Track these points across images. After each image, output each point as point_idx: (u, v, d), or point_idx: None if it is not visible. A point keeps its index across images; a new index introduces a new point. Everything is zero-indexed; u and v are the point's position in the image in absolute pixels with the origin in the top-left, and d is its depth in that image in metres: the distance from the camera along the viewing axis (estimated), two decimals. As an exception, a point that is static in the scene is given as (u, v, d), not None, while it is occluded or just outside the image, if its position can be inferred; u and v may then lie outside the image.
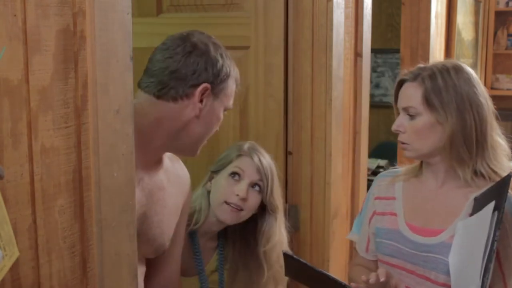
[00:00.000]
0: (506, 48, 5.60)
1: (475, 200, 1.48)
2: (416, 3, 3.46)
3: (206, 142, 1.45)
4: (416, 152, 1.56)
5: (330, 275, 1.48)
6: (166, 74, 1.34)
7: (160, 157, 1.43)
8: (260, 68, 2.04)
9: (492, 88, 5.49)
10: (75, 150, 0.97)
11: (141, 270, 1.43)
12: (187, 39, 1.37)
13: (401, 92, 1.59)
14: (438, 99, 1.50)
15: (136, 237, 1.11)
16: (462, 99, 1.50)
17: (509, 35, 5.59)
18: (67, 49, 0.94)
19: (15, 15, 0.85)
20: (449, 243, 1.46)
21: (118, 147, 1.04)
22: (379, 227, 1.64)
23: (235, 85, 1.44)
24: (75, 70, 0.96)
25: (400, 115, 1.58)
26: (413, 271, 1.54)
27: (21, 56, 0.87)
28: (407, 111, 1.55)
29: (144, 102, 1.33)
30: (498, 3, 5.51)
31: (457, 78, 1.52)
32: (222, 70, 1.37)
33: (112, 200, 1.04)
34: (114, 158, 1.03)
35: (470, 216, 1.46)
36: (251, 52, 2.05)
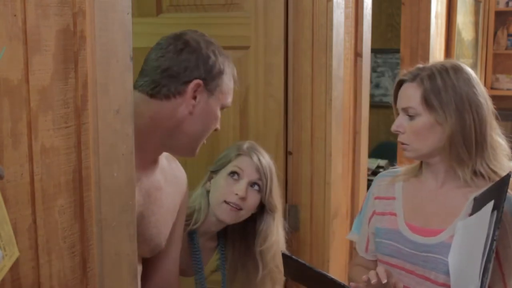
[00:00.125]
0: (506, 48, 5.60)
1: (474, 200, 1.48)
2: (416, 3, 3.46)
3: (205, 142, 1.44)
4: (415, 152, 1.56)
5: (328, 275, 1.48)
6: (158, 72, 1.34)
7: (157, 157, 1.43)
8: (260, 68, 2.04)
9: (492, 88, 5.49)
10: (75, 150, 0.97)
11: (138, 269, 1.43)
12: (179, 38, 1.37)
13: (400, 93, 1.59)
14: (437, 100, 1.50)
15: (135, 237, 1.12)
16: (461, 99, 1.50)
17: (509, 35, 5.59)
18: (67, 49, 0.94)
19: (15, 15, 0.85)
20: (448, 243, 1.46)
21: (118, 147, 1.04)
22: (378, 227, 1.64)
23: (232, 82, 1.43)
24: (75, 70, 0.96)
25: (400, 115, 1.58)
26: (412, 271, 1.54)
27: (21, 56, 0.87)
28: (407, 112, 1.55)
29: (139, 102, 1.33)
30: (498, 3, 5.51)
31: (456, 78, 1.52)
32: (215, 66, 1.36)
33: (112, 200, 1.04)
34: (114, 158, 1.03)
35: (470, 216, 1.46)
36: (251, 52, 2.05)
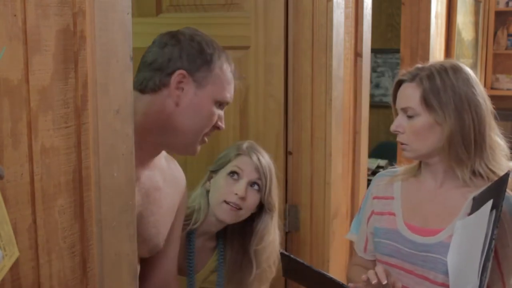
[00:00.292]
0: (506, 48, 5.60)
1: (473, 199, 1.48)
2: (416, 3, 3.46)
3: (207, 141, 1.43)
4: (415, 152, 1.56)
5: (327, 274, 1.48)
6: (145, 67, 1.36)
7: (155, 155, 1.42)
8: (260, 68, 2.04)
9: (492, 88, 5.49)
10: (75, 150, 0.97)
11: None
12: (169, 33, 1.38)
13: (399, 93, 1.59)
14: (436, 100, 1.50)
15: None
16: (460, 99, 1.50)
17: (509, 35, 5.59)
18: (67, 49, 0.94)
19: (15, 15, 0.85)
20: (447, 243, 1.46)
21: (118, 147, 1.04)
22: (377, 227, 1.64)
23: (226, 75, 1.39)
24: (75, 70, 0.96)
25: (399, 115, 1.58)
26: (411, 271, 1.54)
27: (21, 56, 0.87)
28: (406, 112, 1.55)
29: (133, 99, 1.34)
30: (498, 3, 5.51)
31: (455, 78, 1.51)
32: (199, 57, 1.35)
33: (112, 200, 1.04)
34: (114, 158, 1.03)
35: (469, 215, 1.46)
36: (251, 52, 2.05)
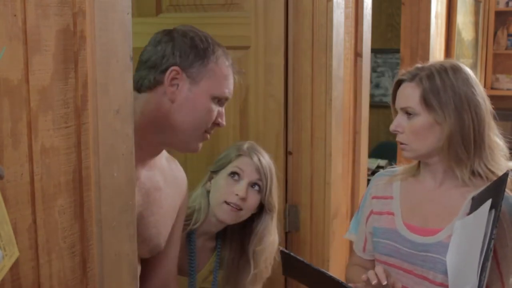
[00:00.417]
0: (506, 48, 5.60)
1: (472, 199, 1.48)
2: (416, 3, 3.46)
3: (209, 138, 1.42)
4: (414, 152, 1.56)
5: (327, 272, 1.48)
6: (142, 65, 1.37)
7: (155, 155, 1.42)
8: (260, 68, 2.04)
9: (492, 88, 5.49)
10: (75, 150, 0.97)
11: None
12: (163, 31, 1.39)
13: (399, 92, 1.59)
14: (436, 99, 1.50)
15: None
16: (460, 99, 1.50)
17: (509, 35, 5.59)
18: (67, 49, 0.94)
19: (15, 15, 0.85)
20: (447, 243, 1.46)
21: (118, 147, 1.04)
22: (376, 227, 1.64)
23: (223, 71, 1.38)
24: (75, 70, 0.96)
25: (398, 115, 1.58)
26: (411, 270, 1.54)
27: (21, 56, 0.87)
28: (405, 111, 1.55)
29: None
30: (498, 3, 5.51)
31: (455, 78, 1.51)
32: (192, 52, 1.35)
33: (112, 200, 1.04)
34: (114, 158, 1.03)
35: (468, 215, 1.46)
36: (251, 52, 2.05)
